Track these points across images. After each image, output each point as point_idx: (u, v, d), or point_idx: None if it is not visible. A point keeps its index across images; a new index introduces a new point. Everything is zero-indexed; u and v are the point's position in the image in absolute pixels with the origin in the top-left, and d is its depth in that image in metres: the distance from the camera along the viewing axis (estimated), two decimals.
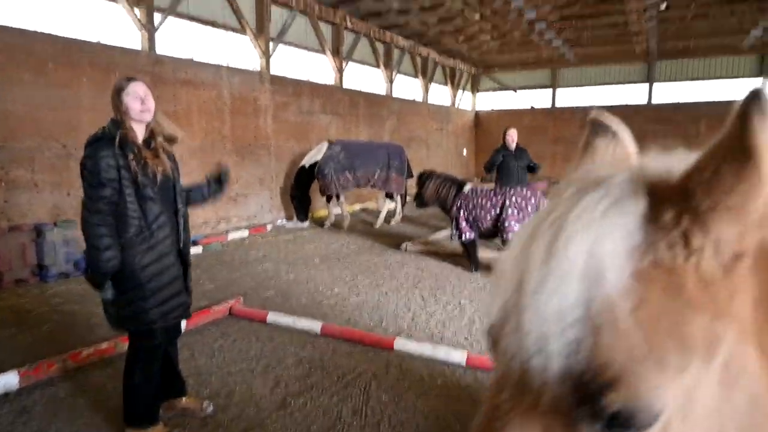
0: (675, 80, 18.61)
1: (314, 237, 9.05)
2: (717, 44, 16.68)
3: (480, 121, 21.48)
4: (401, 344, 4.04)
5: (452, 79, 19.67)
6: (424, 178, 7.06)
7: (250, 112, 9.94)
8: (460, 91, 20.42)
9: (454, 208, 6.57)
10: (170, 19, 8.58)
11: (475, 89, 21.71)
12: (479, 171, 21.20)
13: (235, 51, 10.16)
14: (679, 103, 18.30)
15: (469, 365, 3.74)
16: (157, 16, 8.24)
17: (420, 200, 7.19)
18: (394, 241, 8.61)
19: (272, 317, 4.65)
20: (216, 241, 8.32)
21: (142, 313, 2.69)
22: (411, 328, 4.63)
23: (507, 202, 6.29)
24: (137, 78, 2.72)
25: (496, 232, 6.43)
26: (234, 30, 9.94)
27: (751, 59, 17.50)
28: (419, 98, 17.27)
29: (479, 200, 6.49)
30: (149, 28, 8.01)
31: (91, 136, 2.63)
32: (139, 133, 2.69)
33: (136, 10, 7.92)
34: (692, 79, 18.36)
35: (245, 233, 9.10)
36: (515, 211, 6.23)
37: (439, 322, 4.78)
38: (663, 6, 12.21)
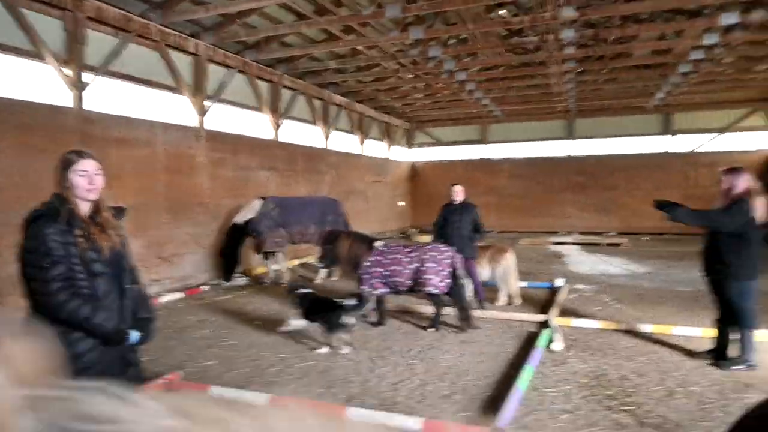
0: (592, 137, 20.10)
1: (254, 296, 8.76)
2: (626, 104, 18.30)
3: (416, 172, 22.09)
4: (354, 414, 3.91)
5: (388, 134, 20.24)
6: (332, 239, 6.81)
7: (186, 169, 9.70)
8: (395, 146, 21.00)
9: (368, 265, 6.41)
10: (102, 78, 8.35)
11: (409, 143, 22.40)
12: (416, 221, 21.60)
13: (171, 109, 9.98)
14: (597, 155, 19.72)
15: None
16: (89, 76, 7.99)
17: (330, 261, 6.88)
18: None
19: (215, 391, 4.38)
20: None
21: None
22: (362, 394, 4.50)
23: (425, 257, 6.30)
24: (88, 153, 2.58)
25: (412, 287, 6.39)
26: (170, 89, 9.79)
27: (657, 117, 19.27)
28: (357, 151, 17.57)
29: (395, 256, 6.42)
30: (79, 87, 7.74)
31: (30, 213, 2.44)
32: (84, 207, 2.54)
33: (66, 69, 7.65)
34: (607, 135, 19.91)
35: (180, 295, 8.68)
36: (434, 264, 6.28)
37: (390, 385, 4.69)
38: (579, 70, 13.33)
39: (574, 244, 16.05)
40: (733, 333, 5.00)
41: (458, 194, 7.48)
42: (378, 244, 6.62)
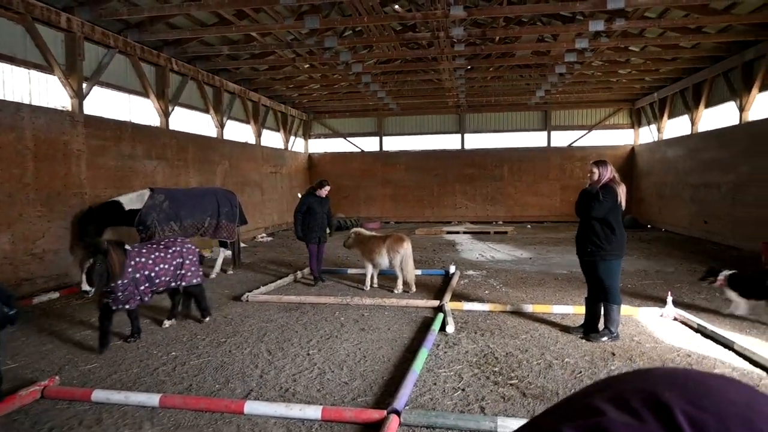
0: (481, 131, 21.26)
1: None
2: (511, 101, 19.57)
3: (314, 163, 21.93)
4: (252, 407, 3.85)
5: (284, 124, 19.86)
6: (100, 250, 5.12)
7: (60, 157, 8.83)
8: (292, 137, 20.67)
9: (130, 271, 5.46)
10: None
11: (307, 134, 22.18)
12: None
13: (41, 90, 9.01)
14: (486, 149, 20.89)
15: (325, 419, 3.72)
16: None
17: (104, 279, 5.15)
18: (233, 291, 8.25)
19: (98, 395, 4.09)
20: None
21: None
22: (261, 387, 4.44)
23: (185, 251, 6.12)
24: None
25: (172, 288, 6.09)
26: (39, 67, 8.83)
27: (538, 114, 20.81)
28: (252, 141, 17.05)
29: (157, 254, 5.82)
30: None
31: None
32: None
33: None
34: (494, 130, 21.16)
35: (55, 295, 7.93)
36: (193, 257, 6.20)
37: (289, 376, 4.68)
38: (468, 67, 14.00)
39: (465, 233, 16.91)
40: (600, 308, 5.60)
41: (326, 190, 8.72)
42: (127, 247, 5.64)
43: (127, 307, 5.52)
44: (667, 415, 0.65)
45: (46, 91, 9.12)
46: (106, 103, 10.66)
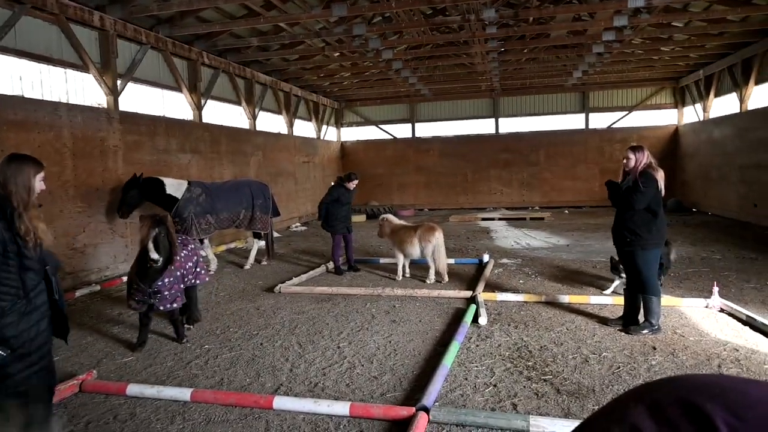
0: (516, 115, 20.75)
1: None
2: (547, 83, 18.99)
3: (346, 151, 21.91)
4: (281, 403, 3.85)
5: (316, 113, 19.88)
6: (161, 221, 5.02)
7: (97, 153, 9.05)
8: (324, 126, 20.68)
9: (172, 268, 5.20)
10: None
11: (339, 123, 22.15)
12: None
13: (77, 88, 9.24)
14: (521, 133, 20.41)
15: (353, 416, 3.68)
16: None
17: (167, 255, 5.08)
18: (266, 282, 8.32)
19: (133, 389, 4.17)
20: None
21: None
22: (290, 381, 4.45)
23: (196, 249, 5.91)
24: None
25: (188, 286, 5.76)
26: (74, 66, 9.03)
27: (575, 96, 20.16)
28: (285, 131, 17.14)
29: (184, 254, 5.56)
30: None
31: None
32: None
33: None
34: (529, 113, 20.62)
35: (96, 288, 8.18)
36: (200, 257, 5.99)
37: (319, 370, 4.66)
38: (501, 49, 13.62)
39: (501, 219, 16.61)
40: (640, 300, 5.36)
41: (354, 183, 8.89)
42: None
43: (174, 306, 5.26)
44: (710, 428, 0.63)
45: (82, 89, 9.35)
46: (140, 99, 10.86)
